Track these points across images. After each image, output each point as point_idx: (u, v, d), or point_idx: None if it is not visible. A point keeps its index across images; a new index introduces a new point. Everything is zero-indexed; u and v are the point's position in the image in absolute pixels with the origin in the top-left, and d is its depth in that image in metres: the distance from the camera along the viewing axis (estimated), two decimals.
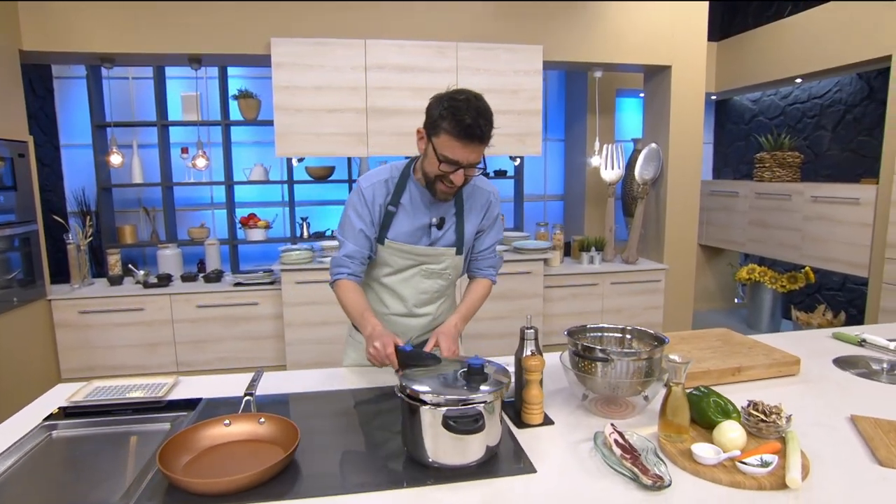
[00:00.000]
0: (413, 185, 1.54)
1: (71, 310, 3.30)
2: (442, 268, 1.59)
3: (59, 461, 1.21)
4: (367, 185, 1.53)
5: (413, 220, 1.53)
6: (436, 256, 1.57)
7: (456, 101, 1.32)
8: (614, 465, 1.07)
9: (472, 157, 1.36)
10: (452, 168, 1.37)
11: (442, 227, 1.55)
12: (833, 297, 4.39)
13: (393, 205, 1.53)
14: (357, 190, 1.54)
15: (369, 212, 1.53)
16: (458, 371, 1.17)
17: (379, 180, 1.53)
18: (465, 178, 1.40)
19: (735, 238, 4.69)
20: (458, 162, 1.35)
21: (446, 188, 1.43)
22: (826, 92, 4.36)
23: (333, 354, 3.59)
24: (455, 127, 1.31)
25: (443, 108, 1.33)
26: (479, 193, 1.59)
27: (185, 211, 4.67)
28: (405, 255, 1.56)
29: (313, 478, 1.08)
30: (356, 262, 1.53)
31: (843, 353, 1.76)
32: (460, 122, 1.30)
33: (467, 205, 1.57)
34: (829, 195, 3.74)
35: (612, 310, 4.01)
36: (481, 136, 1.33)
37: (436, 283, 1.61)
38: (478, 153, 1.37)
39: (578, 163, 4.91)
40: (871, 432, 1.19)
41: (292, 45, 3.34)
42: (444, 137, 1.34)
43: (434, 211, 1.54)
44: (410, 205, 1.53)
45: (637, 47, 3.82)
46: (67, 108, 4.46)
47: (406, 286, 1.60)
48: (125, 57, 3.37)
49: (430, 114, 1.38)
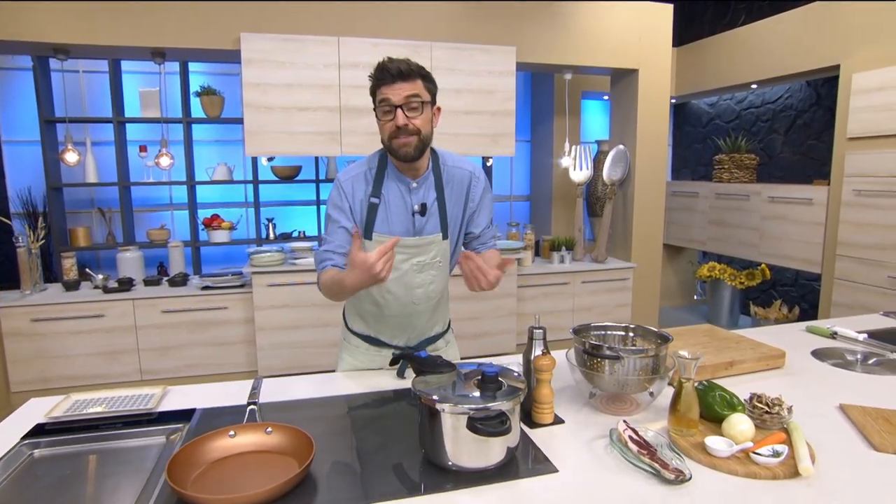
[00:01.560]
0: (391, 171, 1.52)
1: (22, 318, 3.08)
2: (431, 257, 1.56)
3: (48, 483, 1.12)
4: (346, 179, 1.52)
5: (396, 210, 1.52)
6: (424, 246, 1.53)
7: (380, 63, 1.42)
8: (633, 460, 1.08)
9: (401, 94, 1.38)
10: (389, 114, 1.40)
11: (425, 214, 1.52)
12: (787, 293, 4.63)
13: (375, 196, 1.51)
14: (337, 185, 1.53)
15: (349, 206, 1.51)
16: (472, 378, 1.15)
17: (358, 173, 1.53)
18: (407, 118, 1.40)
19: (696, 237, 4.88)
20: (389, 100, 1.38)
21: (400, 141, 1.41)
22: (778, 98, 4.60)
23: (307, 359, 3.51)
24: (376, 74, 1.41)
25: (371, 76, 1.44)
26: (457, 174, 1.58)
27: (143, 212, 4.45)
28: (395, 250, 1.52)
29: (330, 488, 1.04)
30: (339, 255, 1.51)
31: (818, 345, 1.85)
32: (378, 69, 1.40)
33: (447, 188, 1.56)
34: (784, 196, 3.95)
35: (583, 308, 4.10)
36: (399, 71, 1.37)
37: (429, 276, 1.58)
38: (405, 90, 1.38)
39: (545, 163, 4.99)
40: (861, 420, 1.26)
41: (263, 41, 3.23)
42: (378, 92, 1.41)
43: (415, 197, 1.52)
44: (390, 193, 1.52)
45: (606, 51, 3.92)
46: (9, 101, 4.15)
47: (399, 284, 1.55)
48: (81, 49, 3.17)
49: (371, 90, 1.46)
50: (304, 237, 4.52)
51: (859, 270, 3.40)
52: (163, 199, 4.53)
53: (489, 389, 1.07)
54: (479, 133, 3.68)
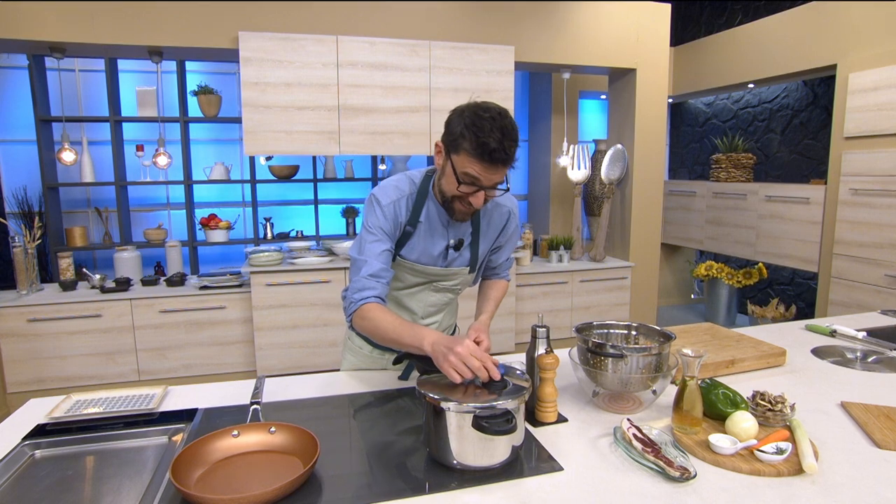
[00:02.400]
0: (431, 202, 1.42)
1: (18, 318, 3.06)
2: (452, 284, 1.54)
3: (50, 483, 1.11)
4: (388, 203, 1.38)
5: (430, 241, 1.43)
6: (449, 276, 1.50)
7: (480, 119, 1.20)
8: (638, 458, 1.08)
9: (494, 179, 1.25)
10: (472, 189, 1.26)
11: (459, 249, 1.46)
12: (783, 291, 4.66)
13: (411, 225, 1.41)
14: (377, 206, 1.38)
15: (394, 228, 1.40)
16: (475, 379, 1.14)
17: (399, 198, 1.40)
18: (485, 199, 1.30)
19: (693, 236, 4.90)
20: (479, 182, 1.25)
21: (464, 209, 1.32)
22: (775, 97, 4.62)
23: (306, 359, 3.50)
24: (477, 149, 1.20)
25: (464, 125, 1.21)
26: (497, 210, 1.50)
27: (140, 212, 4.43)
28: (417, 274, 1.49)
29: (336, 488, 1.04)
30: (382, 283, 1.35)
31: (818, 343, 1.86)
32: (484, 145, 1.19)
33: (484, 223, 1.48)
34: (781, 195, 3.97)
35: (581, 307, 4.10)
36: (505, 159, 1.22)
37: (444, 297, 1.57)
38: (500, 174, 1.25)
39: (543, 163, 4.99)
40: (863, 417, 1.27)
41: (261, 40, 3.22)
42: (464, 157, 1.22)
43: (452, 232, 1.44)
44: (428, 224, 1.42)
45: (604, 50, 3.93)
46: (5, 100, 4.13)
47: (414, 300, 1.55)
48: (78, 47, 3.15)
49: (451, 129, 1.25)
50: (302, 237, 4.51)
51: (856, 269, 3.41)
52: (160, 198, 4.51)
53: (495, 388, 1.07)
54: None
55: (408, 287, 1.53)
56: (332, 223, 4.73)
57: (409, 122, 3.54)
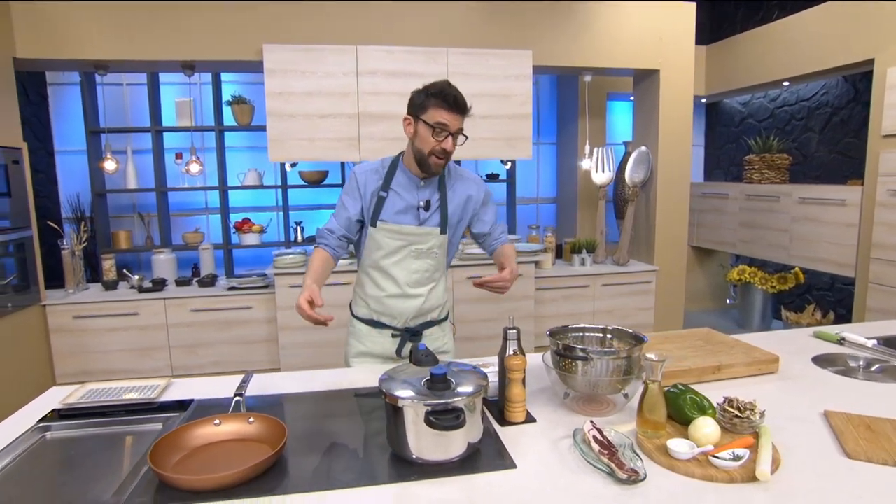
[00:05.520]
0: (402, 172, 1.72)
1: (65, 315, 3.32)
2: (429, 247, 1.74)
3: (53, 462, 1.24)
4: (361, 172, 1.74)
5: (402, 202, 1.71)
6: (423, 236, 1.72)
7: (436, 85, 1.60)
8: (592, 460, 1.10)
9: (458, 125, 1.60)
10: (445, 135, 1.59)
11: (429, 209, 1.72)
12: (823, 297, 4.44)
13: (384, 190, 1.70)
14: (352, 176, 1.74)
15: (360, 195, 1.71)
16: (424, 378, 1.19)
17: (371, 168, 1.74)
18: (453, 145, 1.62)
19: (726, 239, 4.74)
20: (448, 128, 1.58)
21: (437, 158, 1.63)
22: (813, 94, 4.42)
23: (327, 357, 3.62)
24: (443, 99, 1.58)
25: (427, 92, 1.60)
26: (460, 181, 1.79)
27: (180, 216, 4.70)
28: (395, 236, 1.71)
29: (300, 475, 1.11)
30: (333, 237, 1.73)
31: (823, 351, 1.80)
32: (447, 95, 1.58)
33: (450, 190, 1.76)
34: (816, 196, 3.80)
35: (604, 311, 4.05)
36: (464, 105, 1.60)
37: (425, 263, 1.75)
38: (461, 122, 1.61)
39: (570, 166, 4.96)
40: (842, 427, 1.23)
41: (284, 52, 3.37)
42: (433, 111, 1.58)
43: (421, 194, 1.72)
44: (400, 188, 1.71)
45: (625, 51, 3.88)
46: (62, 114, 4.48)
47: (398, 268, 1.73)
48: (119, 64, 3.40)
49: (415, 100, 1.63)
50: None
51: (895, 274, 3.23)
52: (198, 203, 4.77)
53: (437, 388, 1.11)
54: (495, 137, 3.71)
55: (390, 254, 1.73)
56: None
57: None
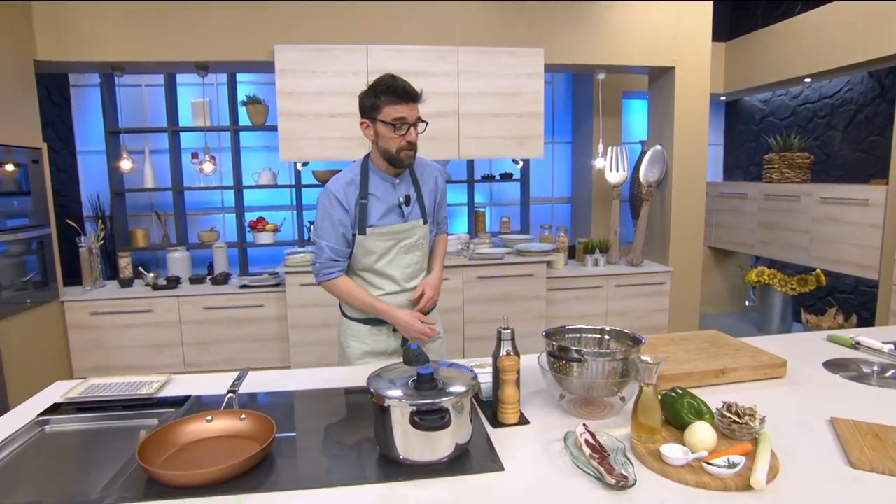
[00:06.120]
0: (374, 175, 1.72)
1: (82, 311, 3.39)
2: (416, 240, 1.78)
3: (50, 454, 1.26)
4: (338, 188, 1.69)
5: (384, 204, 1.72)
6: (410, 230, 1.76)
7: (380, 83, 1.61)
8: (582, 465, 1.07)
9: (414, 114, 1.61)
10: (406, 127, 1.59)
11: (409, 204, 1.76)
12: (846, 300, 4.30)
13: (363, 198, 1.70)
14: (329, 195, 1.69)
15: (347, 212, 1.69)
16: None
17: (345, 181, 1.71)
18: (416, 134, 1.63)
19: (744, 240, 4.63)
20: (407, 120, 1.59)
21: (407, 151, 1.64)
22: (837, 91, 4.29)
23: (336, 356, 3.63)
24: (393, 93, 1.58)
25: (373, 91, 1.61)
26: (427, 170, 1.83)
27: (197, 215, 4.77)
28: (385, 237, 1.74)
29: (287, 472, 1.11)
30: (342, 260, 1.74)
31: (836, 355, 1.74)
32: (397, 89, 1.58)
33: (422, 181, 1.80)
34: (838, 196, 3.68)
35: (617, 312, 3.99)
36: (415, 93, 1.60)
37: (414, 256, 1.80)
38: (416, 110, 1.62)
39: (585, 165, 4.90)
40: (847, 434, 1.18)
41: (295, 52, 3.40)
42: (387, 108, 1.58)
43: (399, 191, 1.74)
44: (378, 191, 1.72)
45: (640, 49, 3.81)
46: (83, 115, 4.59)
47: (392, 266, 1.77)
48: (135, 65, 3.46)
49: (365, 101, 1.64)
50: None
51: None
52: (215, 202, 4.84)
53: (424, 389, 1.10)
54: (506, 135, 3.68)
55: (382, 256, 1.75)
56: None
57: (437, 127, 3.60)
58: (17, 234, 3.04)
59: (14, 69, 3.07)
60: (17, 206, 3.06)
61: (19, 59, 3.12)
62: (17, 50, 3.10)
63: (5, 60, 2.99)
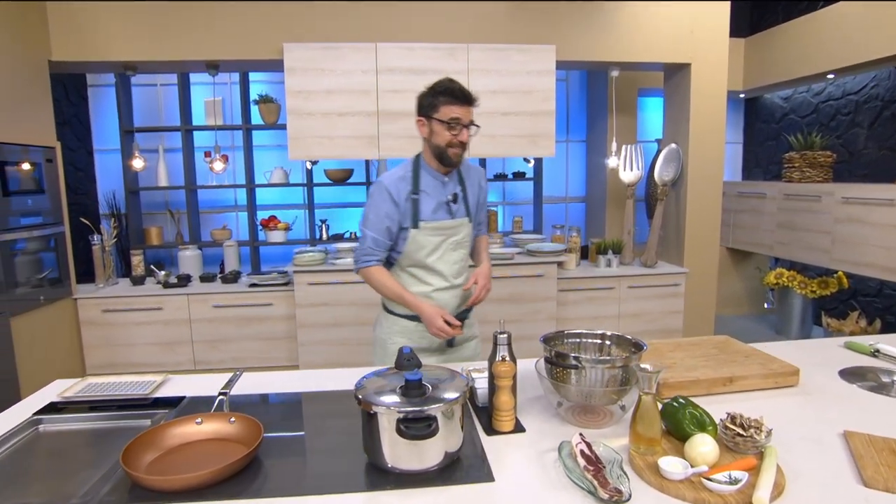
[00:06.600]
0: (425, 172, 1.80)
1: (95, 308, 3.44)
2: (462, 237, 1.86)
3: (41, 454, 1.25)
4: (391, 182, 1.77)
5: (434, 200, 1.80)
6: (457, 227, 1.84)
7: (440, 84, 1.71)
8: (575, 477, 1.03)
9: (468, 116, 1.71)
10: (459, 127, 1.69)
11: (456, 202, 1.84)
12: (869, 304, 4.16)
13: (415, 193, 1.78)
14: (382, 187, 1.76)
15: (396, 206, 1.76)
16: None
17: (398, 176, 1.78)
18: (467, 135, 1.72)
19: (763, 241, 4.51)
20: (461, 121, 1.69)
21: (456, 150, 1.73)
22: (862, 87, 4.14)
23: (346, 356, 3.62)
24: (451, 95, 1.68)
25: (435, 91, 1.71)
26: (472, 172, 1.92)
27: (210, 213, 4.81)
28: (436, 232, 1.80)
29: (273, 478, 1.08)
30: (381, 251, 1.81)
31: (853, 363, 1.66)
32: (455, 91, 1.68)
33: (467, 181, 1.88)
34: (861, 196, 3.55)
35: (629, 314, 3.91)
36: (470, 96, 1.70)
37: (460, 253, 1.88)
38: (471, 113, 1.72)
39: (599, 164, 4.82)
40: (861, 450, 1.12)
41: (304, 50, 3.39)
42: (444, 108, 1.68)
43: (447, 189, 1.82)
44: (428, 188, 1.80)
45: (654, 45, 3.72)
46: (100, 114, 4.66)
47: (442, 262, 1.83)
48: (146, 64, 3.49)
49: (424, 101, 1.74)
50: (355, 238, 4.66)
51: None
52: (228, 201, 4.87)
53: (412, 395, 1.07)
54: (517, 134, 3.62)
55: (433, 251, 1.82)
56: None
57: None
58: (31, 231, 3.08)
59: (29, 69, 3.11)
60: (31, 205, 3.11)
61: (34, 60, 3.17)
62: (32, 50, 3.15)
63: (21, 61, 3.04)
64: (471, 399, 1.41)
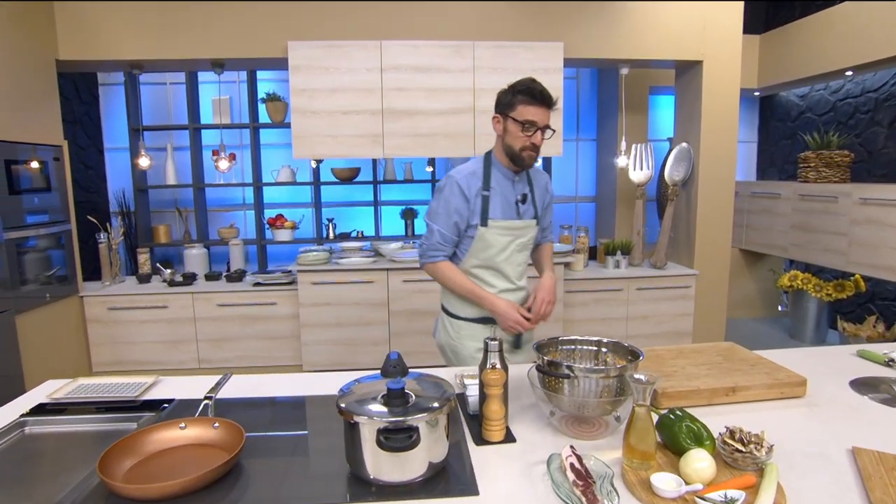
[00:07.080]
0: (496, 170, 1.76)
1: (101, 306, 3.45)
2: (527, 240, 1.83)
3: (23, 457, 1.24)
4: (462, 177, 1.73)
5: (504, 199, 1.77)
6: (524, 229, 1.81)
7: (521, 83, 1.66)
8: (562, 493, 0.99)
9: (545, 119, 1.65)
10: (533, 130, 1.64)
11: (525, 202, 1.80)
12: (887, 308, 4.04)
13: (486, 189, 1.74)
14: (453, 182, 1.73)
15: (467, 202, 1.72)
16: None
17: (469, 171, 1.75)
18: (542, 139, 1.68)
19: (777, 242, 4.40)
20: (537, 124, 1.64)
21: (530, 152, 1.68)
22: (882, 85, 4.01)
23: (350, 356, 3.61)
24: (531, 95, 1.63)
25: (514, 90, 1.66)
26: (539, 175, 1.90)
27: (218, 212, 4.82)
28: (504, 232, 1.77)
29: (253, 487, 1.06)
30: (448, 246, 1.77)
31: (866, 373, 1.59)
32: (534, 91, 1.63)
33: (534, 183, 1.86)
34: (879, 197, 3.44)
35: (638, 317, 3.84)
36: (549, 98, 1.65)
37: (524, 255, 1.85)
38: (548, 116, 1.66)
39: (609, 163, 4.74)
40: (870, 468, 1.06)
41: (308, 49, 3.37)
42: (521, 108, 1.64)
43: (517, 189, 1.79)
44: (499, 186, 1.76)
45: (665, 42, 3.64)
46: (111, 113, 4.69)
47: (508, 264, 1.80)
48: (152, 63, 3.49)
49: (502, 98, 1.69)
50: (362, 237, 4.64)
51: None
52: (236, 199, 4.88)
53: (394, 405, 1.03)
54: None
55: (501, 251, 1.78)
56: (394, 224, 4.83)
57: (452, 124, 3.52)
58: (38, 229, 3.10)
59: (36, 69, 3.13)
60: (38, 203, 3.13)
61: (42, 59, 3.19)
62: (39, 50, 3.17)
63: (28, 60, 3.06)
64: (462, 407, 1.37)
